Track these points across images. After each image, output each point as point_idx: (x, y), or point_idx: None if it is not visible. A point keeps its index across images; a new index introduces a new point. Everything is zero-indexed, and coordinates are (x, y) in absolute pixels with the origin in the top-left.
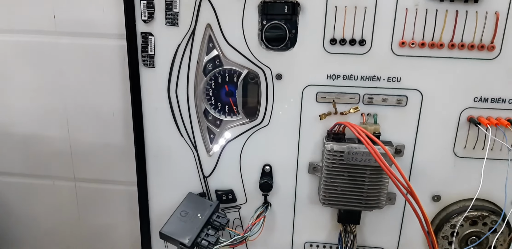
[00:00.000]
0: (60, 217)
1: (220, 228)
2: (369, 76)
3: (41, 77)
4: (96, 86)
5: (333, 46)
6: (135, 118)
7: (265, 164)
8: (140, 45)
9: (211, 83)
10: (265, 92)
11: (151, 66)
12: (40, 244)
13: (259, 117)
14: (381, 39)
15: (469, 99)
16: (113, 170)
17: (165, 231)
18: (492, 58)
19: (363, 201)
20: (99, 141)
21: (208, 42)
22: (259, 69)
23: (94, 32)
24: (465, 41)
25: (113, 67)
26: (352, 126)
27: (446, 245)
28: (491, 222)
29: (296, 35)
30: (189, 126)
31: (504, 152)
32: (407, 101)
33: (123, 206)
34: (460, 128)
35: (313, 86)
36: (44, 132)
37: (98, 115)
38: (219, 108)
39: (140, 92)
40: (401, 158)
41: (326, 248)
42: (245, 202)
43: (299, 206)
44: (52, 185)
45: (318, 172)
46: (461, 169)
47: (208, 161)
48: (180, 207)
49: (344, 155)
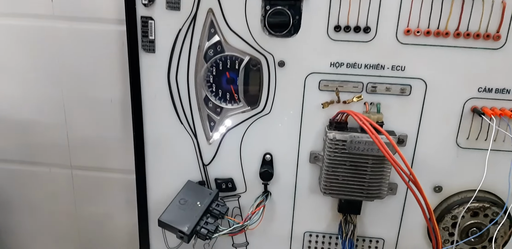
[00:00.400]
0: (57, 205)
1: (220, 216)
2: (373, 64)
3: (38, 63)
4: (94, 72)
5: (337, 33)
6: (134, 105)
7: (265, 152)
8: (140, 30)
9: (212, 69)
10: (267, 79)
11: (151, 52)
12: (36, 232)
13: (261, 105)
14: (386, 27)
15: (473, 89)
16: (110, 158)
17: (163, 219)
18: (498, 48)
19: (364, 190)
20: (97, 128)
21: (210, 27)
22: (261, 56)
23: (93, 17)
24: (471, 30)
25: (112, 53)
26: (355, 114)
27: (447, 236)
28: (492, 214)
29: (299, 21)
30: (189, 113)
31: (507, 143)
32: (411, 90)
33: (120, 195)
34: (463, 118)
35: (316, 74)
36: (40, 118)
37: (96, 102)
38: (220, 95)
39: (139, 79)
40: (404, 148)
41: (326, 238)
42: (245, 191)
43: (300, 195)
44: (49, 172)
45: (319, 161)
46: (463, 160)
47: (208, 149)
48: (179, 195)
49: (346, 144)
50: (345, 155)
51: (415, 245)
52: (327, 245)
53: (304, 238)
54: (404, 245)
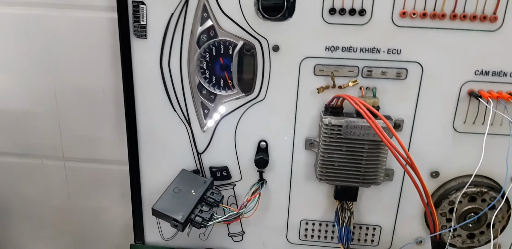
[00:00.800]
0: (50, 198)
1: (215, 204)
2: (369, 48)
3: (28, 52)
4: (86, 62)
5: (332, 17)
6: (126, 93)
7: (260, 139)
8: (132, 15)
9: (205, 55)
10: (261, 65)
11: (142, 37)
12: (29, 225)
13: (255, 92)
14: (381, 9)
15: (470, 72)
16: (104, 149)
17: (157, 207)
18: (494, 29)
19: (360, 176)
20: (89, 118)
21: (203, 11)
22: (255, 41)
23: (83, 4)
24: (467, 11)
25: (104, 41)
26: (351, 98)
27: (444, 222)
28: (490, 199)
29: (294, 4)
30: (183, 101)
31: (504, 127)
32: (407, 74)
33: (115, 186)
34: (460, 102)
35: (311, 58)
36: (31, 108)
37: (88, 92)
38: (213, 82)
39: (131, 66)
40: (400, 133)
41: (322, 225)
42: (240, 179)
43: (295, 182)
44: (41, 164)
45: (315, 148)
46: (460, 145)
47: (202, 136)
48: (173, 184)
49: (342, 129)
50: (341, 140)
51: (413, 231)
52: (324, 233)
53: (300, 226)
54: (401, 232)
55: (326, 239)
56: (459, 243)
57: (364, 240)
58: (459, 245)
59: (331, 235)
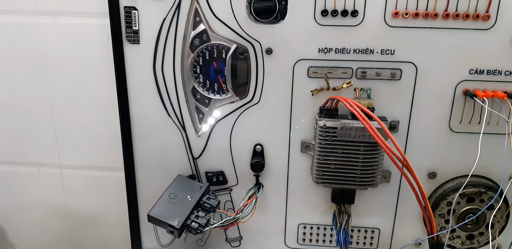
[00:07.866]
0: (46, 205)
1: (211, 210)
2: (362, 49)
3: (22, 59)
4: (80, 69)
5: (325, 18)
6: (120, 99)
7: (256, 143)
8: (124, 20)
9: (199, 60)
10: (255, 68)
11: (135, 43)
12: (26, 232)
13: (249, 95)
14: (374, 10)
15: (465, 71)
16: (99, 156)
17: (153, 214)
18: (487, 28)
19: (357, 179)
20: (84, 126)
21: (195, 16)
22: (248, 44)
23: (76, 11)
24: (460, 10)
25: (97, 48)
26: (345, 100)
27: (443, 223)
28: (488, 199)
29: (286, 6)
30: (177, 105)
31: (501, 126)
32: (401, 74)
33: (111, 193)
34: (455, 101)
35: (304, 60)
36: (26, 117)
37: (83, 99)
38: (207, 86)
39: (125, 71)
40: (396, 134)
41: (320, 229)
42: (236, 183)
43: (292, 186)
44: (37, 172)
45: (310, 151)
46: (457, 145)
47: (197, 141)
48: (169, 190)
49: (337, 131)
50: (337, 143)
51: (412, 233)
52: (322, 237)
53: (298, 230)
54: (400, 234)
55: (325, 242)
56: (459, 244)
57: (363, 243)
58: (459, 246)
59: (330, 239)
